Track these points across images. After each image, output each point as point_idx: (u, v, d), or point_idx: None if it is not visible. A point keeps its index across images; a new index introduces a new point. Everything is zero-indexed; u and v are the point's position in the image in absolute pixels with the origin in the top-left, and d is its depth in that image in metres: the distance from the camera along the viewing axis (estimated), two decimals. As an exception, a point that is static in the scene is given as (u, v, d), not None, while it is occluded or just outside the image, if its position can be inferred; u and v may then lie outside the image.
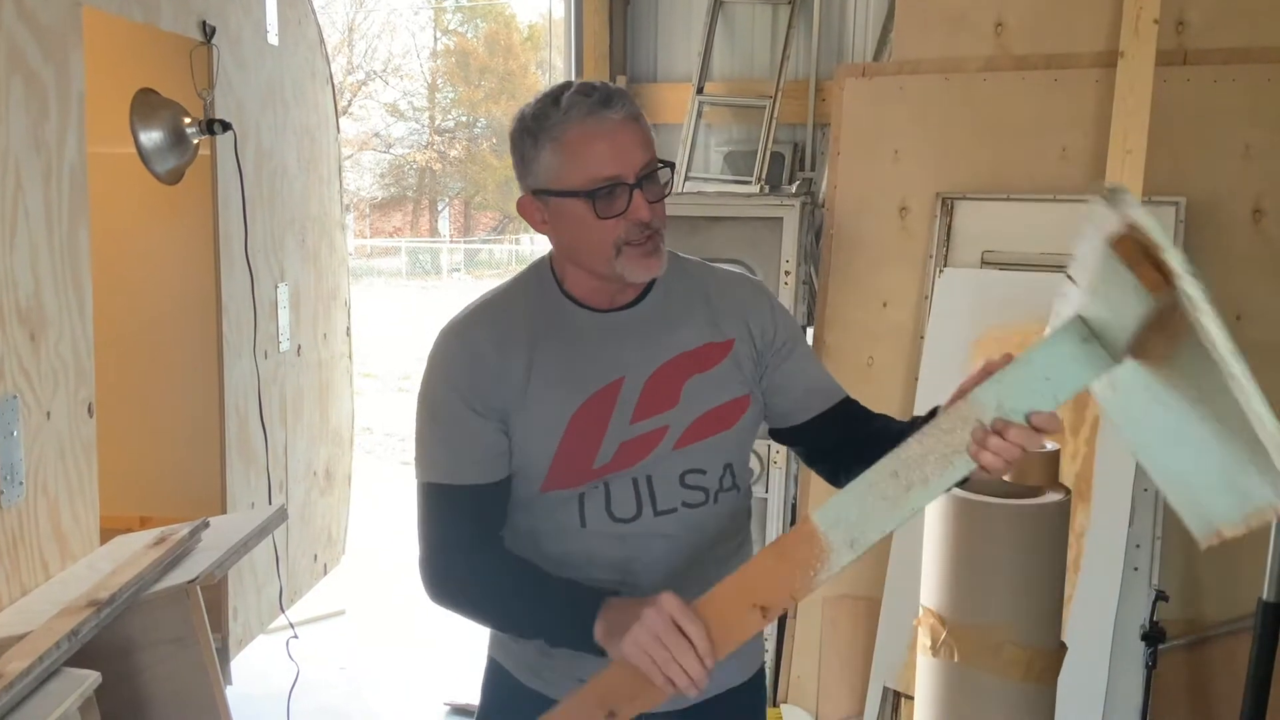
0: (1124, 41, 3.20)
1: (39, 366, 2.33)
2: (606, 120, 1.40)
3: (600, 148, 1.40)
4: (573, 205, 1.42)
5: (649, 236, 1.44)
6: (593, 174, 1.40)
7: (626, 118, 1.42)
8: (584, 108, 1.40)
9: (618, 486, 1.49)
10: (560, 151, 1.41)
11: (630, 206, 1.41)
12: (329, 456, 4.15)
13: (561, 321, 1.52)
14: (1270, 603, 2.48)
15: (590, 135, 1.40)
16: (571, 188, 1.42)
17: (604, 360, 1.50)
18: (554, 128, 1.41)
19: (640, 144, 1.43)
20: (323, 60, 4.05)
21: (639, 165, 1.42)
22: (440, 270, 25.18)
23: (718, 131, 4.39)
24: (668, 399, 1.50)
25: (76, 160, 2.47)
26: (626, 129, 1.42)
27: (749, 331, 1.58)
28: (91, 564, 2.41)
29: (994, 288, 3.25)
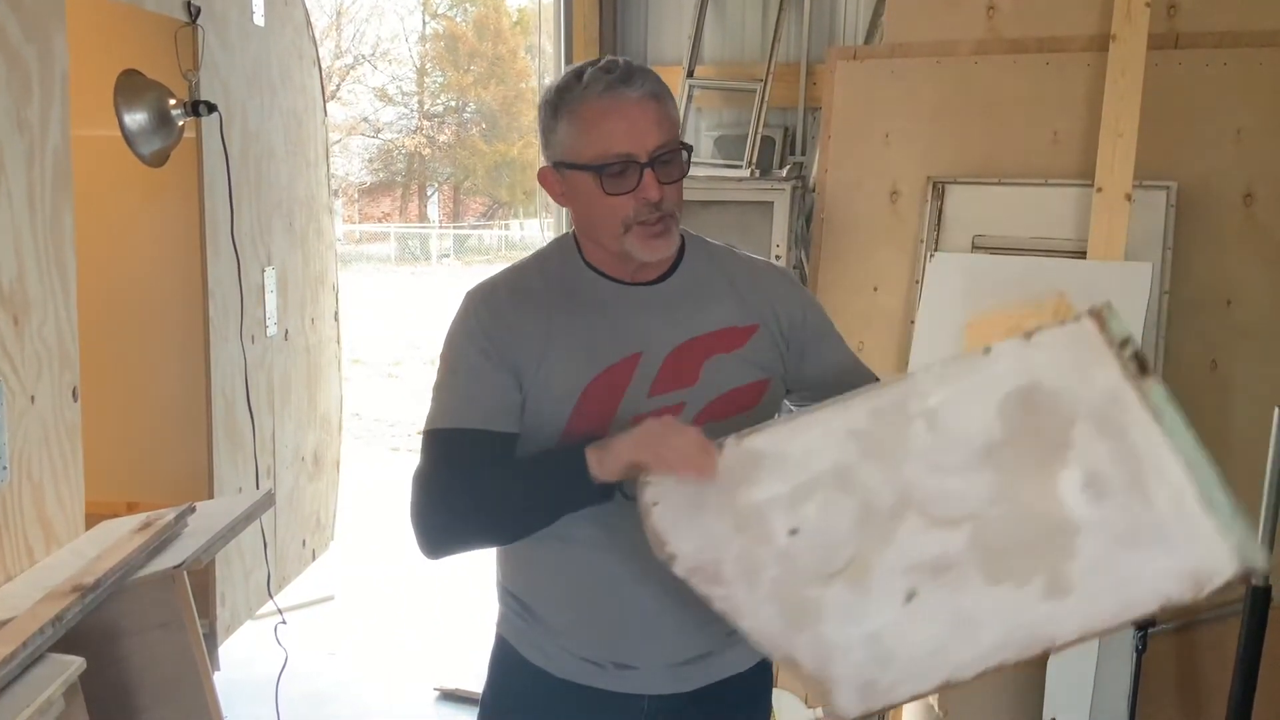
0: (1116, 25, 3.18)
1: (22, 350, 2.31)
2: (624, 97, 1.41)
3: (614, 124, 1.41)
4: (584, 179, 1.44)
5: (659, 218, 1.45)
6: (604, 149, 1.41)
7: (645, 96, 1.42)
8: (603, 83, 1.41)
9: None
10: (576, 125, 1.43)
11: (640, 185, 1.42)
12: (317, 442, 4.14)
13: (584, 291, 1.53)
14: (1259, 588, 2.48)
15: (606, 111, 1.41)
16: (584, 161, 1.43)
17: (623, 333, 1.50)
18: (573, 101, 1.43)
19: (657, 123, 1.43)
20: (309, 43, 4.01)
21: (653, 145, 1.42)
22: (430, 256, 25.10)
23: (708, 115, 4.37)
24: (687, 376, 1.50)
25: (60, 142, 2.45)
26: (644, 107, 1.42)
27: (776, 319, 1.58)
28: (76, 549, 2.40)
29: (985, 272, 3.24)
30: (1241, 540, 1.18)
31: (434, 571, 4.94)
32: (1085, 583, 1.22)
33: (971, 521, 1.25)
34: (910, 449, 1.27)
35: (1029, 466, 1.24)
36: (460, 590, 4.65)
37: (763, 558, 1.29)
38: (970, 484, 1.25)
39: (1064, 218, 3.25)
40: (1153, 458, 1.20)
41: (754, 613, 1.30)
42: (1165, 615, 2.99)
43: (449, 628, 4.29)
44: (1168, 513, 1.20)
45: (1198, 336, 3.13)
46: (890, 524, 1.27)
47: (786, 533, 1.29)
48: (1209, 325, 3.13)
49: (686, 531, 1.31)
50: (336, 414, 4.37)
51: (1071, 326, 1.23)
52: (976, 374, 1.26)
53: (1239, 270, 3.11)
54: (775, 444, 1.31)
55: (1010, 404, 1.25)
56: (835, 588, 1.28)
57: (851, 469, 1.28)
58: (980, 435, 1.25)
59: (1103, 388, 1.21)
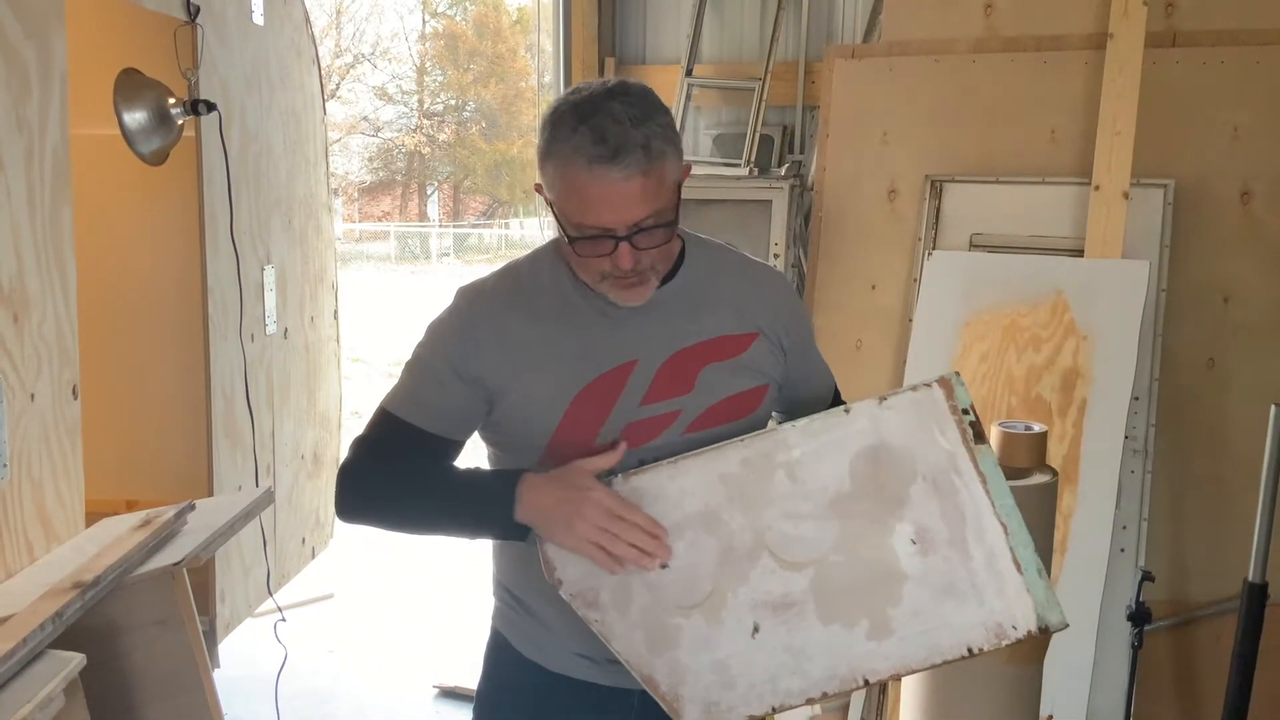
0: (1113, 23, 3.19)
1: (22, 348, 2.31)
2: (606, 177, 1.34)
3: (594, 200, 1.35)
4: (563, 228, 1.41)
5: (632, 279, 1.42)
6: (583, 220, 1.37)
7: (632, 174, 1.34)
8: (588, 156, 1.34)
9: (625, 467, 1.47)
10: (560, 182, 1.38)
11: (615, 254, 1.38)
12: (316, 440, 4.14)
13: (578, 298, 1.51)
14: (1255, 584, 2.49)
15: (587, 186, 1.35)
16: (562, 220, 1.40)
17: (618, 341, 1.49)
18: (560, 157, 1.37)
19: (639, 200, 1.36)
20: (308, 41, 4.02)
21: (633, 220, 1.37)
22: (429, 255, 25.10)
23: (707, 114, 4.37)
24: (682, 384, 1.50)
25: (59, 140, 2.45)
26: (627, 186, 1.35)
27: (774, 325, 1.58)
28: (76, 546, 2.40)
29: (983, 270, 3.24)
30: (1042, 598, 1.35)
31: (433, 570, 4.95)
32: (904, 627, 1.38)
33: (814, 566, 1.40)
34: (771, 496, 1.40)
35: (870, 518, 1.39)
36: (459, 588, 4.65)
37: (635, 588, 1.42)
38: (818, 531, 1.40)
39: (1062, 216, 3.26)
40: (976, 518, 1.36)
41: (624, 636, 1.44)
42: (1162, 611, 3.00)
43: (448, 625, 4.30)
44: (982, 568, 1.36)
45: (1195, 334, 3.14)
46: (746, 563, 1.41)
47: (658, 567, 1.41)
48: (1206, 322, 3.14)
49: (573, 560, 1.42)
50: (336, 412, 4.37)
51: (922, 393, 1.37)
52: (835, 430, 1.40)
53: (1236, 267, 3.12)
54: (656, 485, 1.42)
55: (860, 460, 1.39)
56: (694, 618, 1.42)
57: (718, 512, 1.41)
58: (832, 487, 1.39)
59: (942, 450, 1.36)
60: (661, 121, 1.39)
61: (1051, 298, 3.11)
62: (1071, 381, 3.01)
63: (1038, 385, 3.05)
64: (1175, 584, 3.12)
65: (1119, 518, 2.96)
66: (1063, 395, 3.02)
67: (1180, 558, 3.13)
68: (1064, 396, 3.02)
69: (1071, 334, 3.05)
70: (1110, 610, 2.89)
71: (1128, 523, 3.01)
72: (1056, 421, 2.99)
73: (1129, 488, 3.01)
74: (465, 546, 5.01)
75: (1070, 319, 3.06)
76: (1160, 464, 3.09)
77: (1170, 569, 3.11)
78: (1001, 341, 3.12)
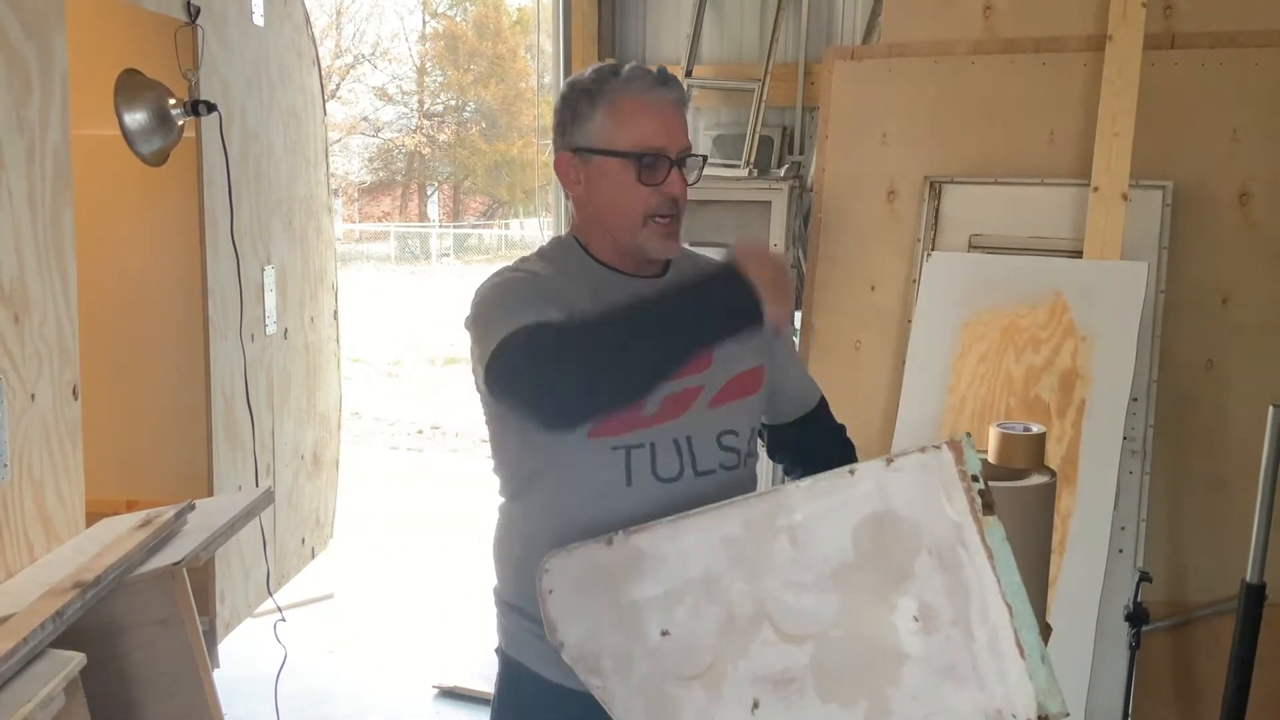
0: (1112, 25, 3.19)
1: (23, 349, 2.32)
2: (662, 98, 1.54)
3: (653, 120, 1.53)
4: (616, 166, 1.53)
5: (673, 217, 1.55)
6: (642, 141, 1.52)
7: (678, 101, 1.56)
8: (645, 81, 1.53)
9: (662, 446, 1.53)
10: (614, 115, 1.53)
11: (667, 180, 1.53)
12: (316, 440, 4.15)
13: (598, 283, 1.56)
14: (1253, 584, 2.49)
15: (646, 106, 1.53)
16: (619, 148, 1.52)
17: None
18: (613, 93, 1.53)
19: (683, 128, 1.57)
20: (309, 42, 4.02)
21: (683, 145, 1.55)
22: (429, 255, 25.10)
23: (706, 115, 4.38)
24: (702, 361, 1.54)
25: (60, 141, 2.46)
26: (676, 111, 1.56)
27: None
28: (77, 546, 2.40)
29: (982, 271, 3.25)
30: (1044, 685, 1.30)
31: (433, 570, 4.96)
32: (902, 709, 1.33)
33: (815, 640, 1.36)
34: (773, 562, 1.36)
35: (872, 592, 1.34)
36: (458, 588, 4.66)
37: (636, 654, 1.41)
38: (819, 604, 1.35)
39: (1060, 217, 3.26)
40: (981, 597, 1.30)
41: (624, 704, 1.41)
42: (1160, 612, 3.01)
43: (448, 626, 4.30)
44: (985, 650, 1.30)
45: (1194, 335, 3.14)
46: (747, 634, 1.37)
47: (659, 633, 1.40)
48: (1205, 324, 3.14)
49: (574, 621, 1.42)
50: (336, 413, 4.38)
51: (931, 455, 1.31)
52: (839, 493, 1.35)
53: (1235, 269, 3.12)
54: (655, 545, 1.40)
55: (863, 529, 1.34)
56: (694, 689, 1.39)
57: (719, 578, 1.38)
58: (834, 557, 1.35)
59: (949, 520, 1.30)
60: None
61: (1050, 299, 3.11)
62: (1070, 382, 3.01)
63: (1036, 386, 3.05)
64: (1173, 584, 3.12)
65: (1117, 518, 2.96)
66: (1061, 396, 3.02)
67: (1178, 558, 3.13)
68: (1063, 397, 3.02)
69: (1070, 335, 3.05)
70: (1108, 611, 2.89)
71: (1126, 523, 3.01)
72: (1055, 422, 3.00)
73: (1127, 488, 3.01)
74: (463, 546, 5.02)
75: (1069, 320, 3.06)
76: (1159, 465, 3.09)
77: (1168, 569, 3.11)
78: (1000, 342, 3.13)
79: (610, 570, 1.41)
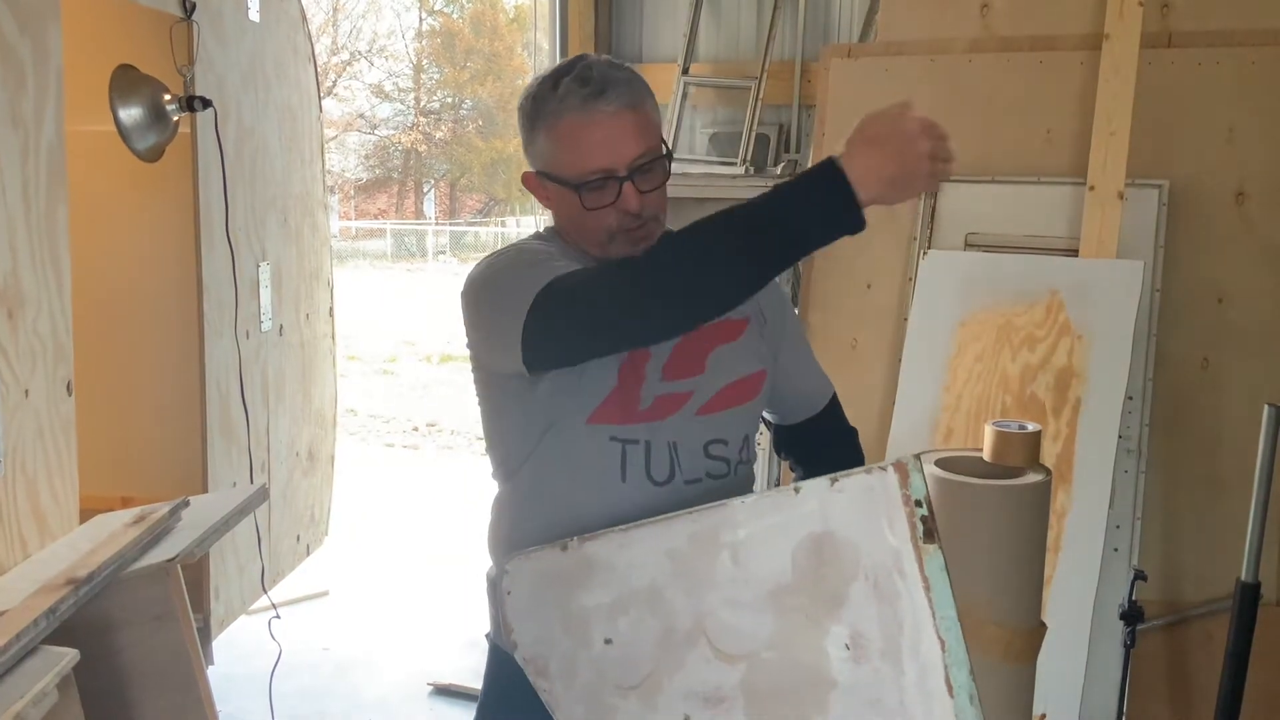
0: (1109, 23, 3.19)
1: (17, 345, 2.31)
2: (598, 112, 1.39)
3: (591, 140, 1.39)
4: (565, 193, 1.43)
5: (641, 224, 1.44)
6: (583, 166, 1.40)
7: (622, 108, 1.40)
8: (578, 97, 1.39)
9: (656, 447, 1.49)
10: (553, 139, 1.42)
11: (620, 198, 1.41)
12: (312, 437, 4.14)
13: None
14: (1248, 584, 2.49)
15: (581, 127, 1.39)
16: (563, 176, 1.43)
17: None
18: (549, 114, 1.42)
19: (635, 134, 1.41)
20: (305, 38, 4.01)
21: (631, 156, 1.41)
22: (426, 253, 25.08)
23: (703, 113, 4.37)
24: (694, 365, 1.51)
25: (54, 137, 2.45)
26: (620, 120, 1.40)
27: (760, 314, 1.60)
28: (71, 542, 2.40)
29: (978, 270, 3.25)
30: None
31: (428, 568, 4.96)
32: None
33: (747, 661, 1.34)
34: (715, 579, 1.35)
35: (806, 616, 1.31)
36: (454, 586, 4.66)
37: (580, 660, 1.41)
38: (755, 624, 1.33)
39: (1057, 216, 3.26)
40: (914, 629, 1.26)
41: (567, 710, 1.42)
42: (1155, 611, 3.01)
43: (443, 623, 4.30)
44: (913, 687, 1.27)
45: (1189, 335, 3.14)
46: (684, 649, 1.36)
47: (603, 641, 1.40)
48: (1200, 323, 3.14)
49: (529, 623, 1.43)
50: (331, 410, 4.37)
51: (876, 476, 1.27)
52: (782, 512, 1.31)
53: (1230, 269, 3.12)
54: (606, 553, 1.39)
55: (802, 549, 1.31)
56: (630, 700, 1.39)
57: (662, 590, 1.37)
58: (772, 577, 1.32)
59: (889, 546, 1.26)
60: (634, 70, 1.45)
61: (1046, 297, 3.11)
62: (1066, 381, 3.01)
63: (1032, 385, 3.05)
64: (1168, 583, 3.12)
65: (1112, 517, 2.97)
66: (1057, 395, 3.02)
67: (1173, 557, 3.13)
68: (1058, 396, 3.02)
69: (1066, 334, 3.05)
70: (1103, 609, 2.89)
71: (1121, 522, 3.02)
72: (1051, 421, 3.00)
73: (1123, 487, 3.01)
74: (458, 543, 5.02)
75: (1065, 319, 3.07)
76: (1154, 464, 3.09)
77: (1163, 568, 3.11)
78: (996, 341, 3.13)
79: (564, 576, 1.41)
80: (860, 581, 1.28)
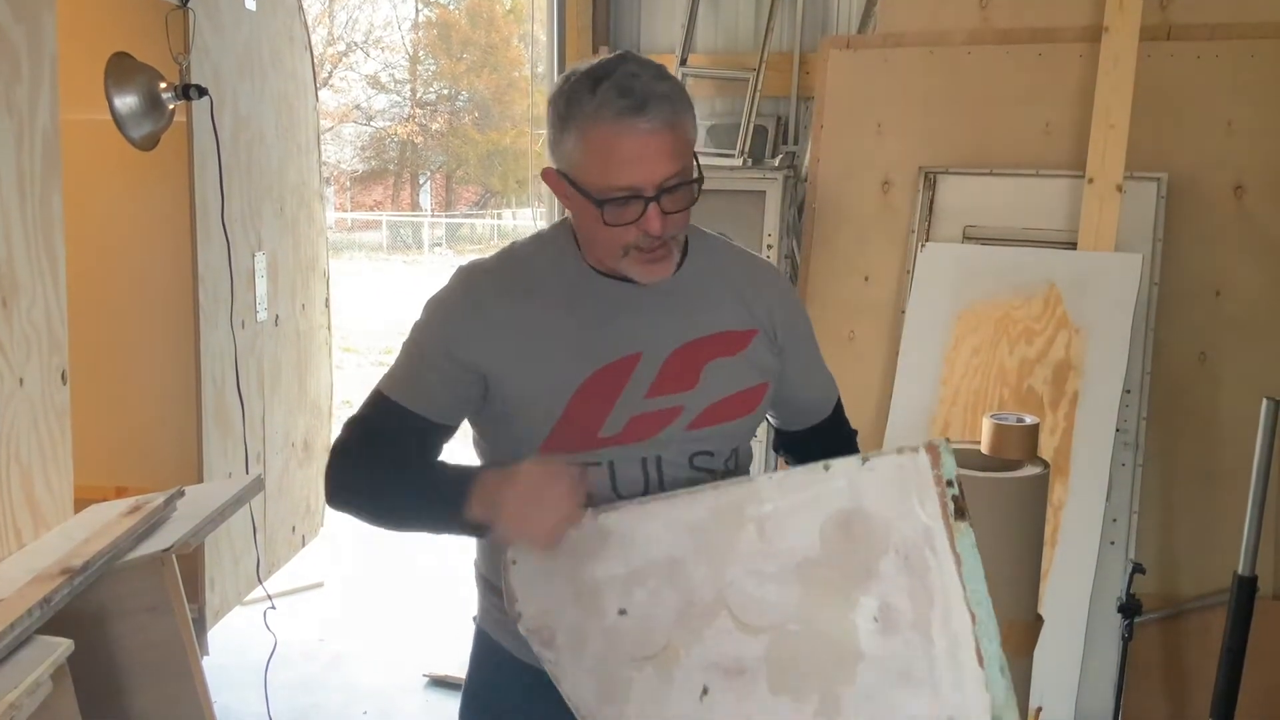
0: (1108, 16, 3.19)
1: (11, 333, 2.30)
2: (635, 129, 1.31)
3: (623, 156, 1.32)
4: (586, 203, 1.37)
5: (659, 245, 1.39)
6: (610, 182, 1.34)
7: (660, 127, 1.32)
8: (615, 109, 1.31)
9: (624, 464, 1.46)
10: (583, 146, 1.34)
11: (643, 218, 1.35)
12: (307, 428, 4.13)
13: (584, 285, 1.48)
14: (1245, 577, 2.50)
15: (614, 141, 1.32)
16: (586, 186, 1.36)
17: (622, 332, 1.46)
18: (583, 118, 1.33)
19: (668, 155, 1.34)
20: (301, 27, 4.00)
21: (661, 177, 1.34)
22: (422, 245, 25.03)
23: (701, 104, 4.36)
24: (686, 380, 1.47)
25: (49, 124, 2.43)
26: (656, 139, 1.32)
27: (772, 323, 1.55)
28: (65, 532, 2.39)
29: (975, 262, 3.25)
30: (1001, 699, 1.25)
31: (423, 559, 4.95)
32: (853, 710, 1.29)
33: (771, 632, 1.33)
34: (738, 551, 1.33)
35: (834, 588, 1.30)
36: (449, 577, 4.65)
37: (591, 631, 1.38)
38: (780, 595, 1.32)
39: (1055, 208, 3.26)
40: (944, 602, 1.26)
41: (574, 680, 1.40)
42: (1152, 604, 3.01)
43: (438, 614, 4.29)
44: (943, 657, 1.26)
45: (1187, 327, 3.14)
46: (704, 620, 1.34)
47: (616, 612, 1.37)
48: (1198, 316, 3.14)
49: (534, 594, 1.40)
50: (327, 400, 4.36)
51: (907, 457, 1.27)
52: (811, 488, 1.31)
53: (1228, 262, 3.12)
54: (624, 525, 1.37)
55: (831, 524, 1.30)
56: (646, 671, 1.37)
57: (683, 563, 1.35)
58: (800, 550, 1.31)
59: (919, 523, 1.26)
60: (679, 84, 1.38)
61: (1044, 290, 3.11)
62: (1063, 374, 3.01)
63: (1030, 378, 3.05)
64: (1165, 576, 3.13)
65: (1109, 510, 2.97)
66: (1054, 388, 3.02)
67: (1170, 550, 3.14)
68: (1056, 389, 3.02)
69: (1064, 327, 3.05)
70: (1100, 602, 2.90)
71: (1118, 515, 3.02)
72: (1048, 414, 3.00)
73: (1120, 480, 3.02)
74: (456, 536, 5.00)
75: (1063, 312, 3.06)
76: (1151, 457, 3.10)
77: (1160, 561, 3.12)
78: (994, 334, 3.12)
79: (575, 547, 1.37)
80: (890, 556, 1.28)
